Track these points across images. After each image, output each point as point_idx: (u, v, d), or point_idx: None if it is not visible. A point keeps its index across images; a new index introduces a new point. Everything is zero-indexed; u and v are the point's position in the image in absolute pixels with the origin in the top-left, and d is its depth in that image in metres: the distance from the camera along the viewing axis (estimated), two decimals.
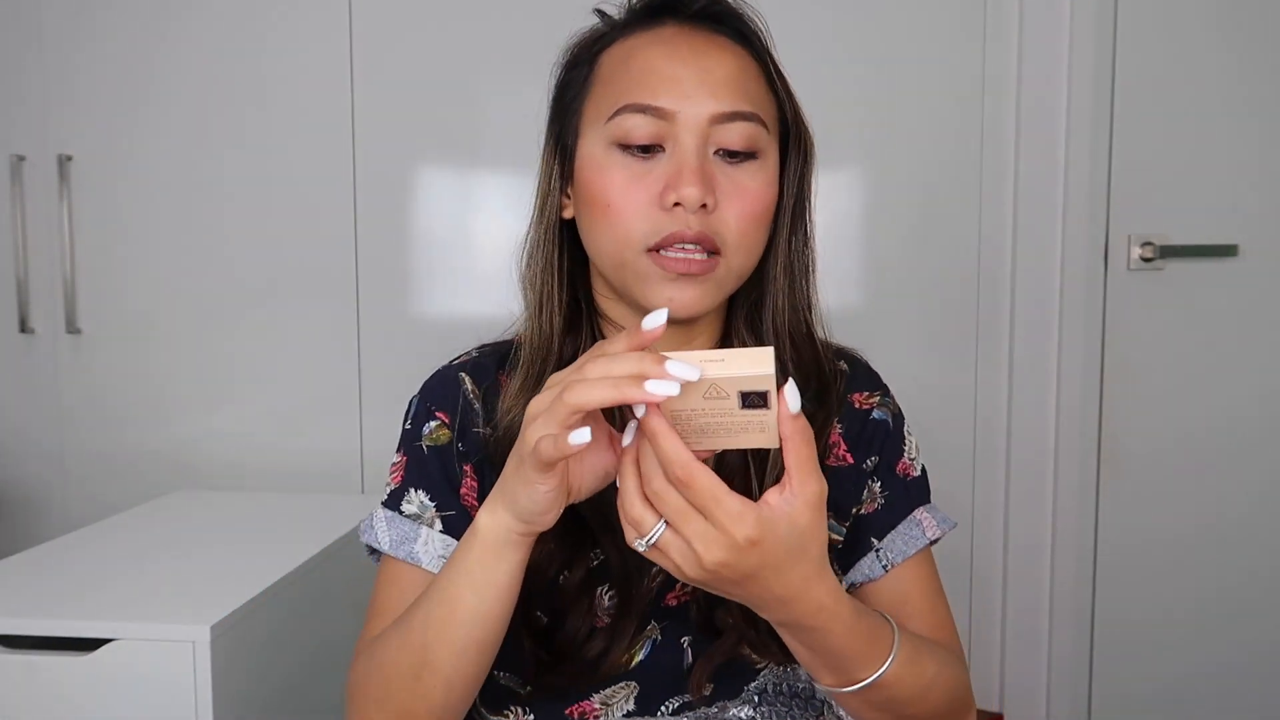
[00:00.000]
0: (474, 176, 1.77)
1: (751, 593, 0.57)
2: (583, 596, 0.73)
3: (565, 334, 0.76)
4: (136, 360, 1.83)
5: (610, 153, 0.71)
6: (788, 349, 0.76)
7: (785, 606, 0.58)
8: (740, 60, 0.72)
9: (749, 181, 0.71)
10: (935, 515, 0.81)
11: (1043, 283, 1.76)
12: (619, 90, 0.71)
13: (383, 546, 0.76)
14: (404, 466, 0.78)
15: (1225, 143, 1.74)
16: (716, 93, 0.69)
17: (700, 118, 0.69)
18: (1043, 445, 1.78)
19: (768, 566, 0.55)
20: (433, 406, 0.78)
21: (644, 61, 0.71)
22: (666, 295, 0.70)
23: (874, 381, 0.84)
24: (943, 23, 1.73)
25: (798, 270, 0.78)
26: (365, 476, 1.82)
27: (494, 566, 0.62)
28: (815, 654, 0.62)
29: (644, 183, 0.69)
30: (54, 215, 1.81)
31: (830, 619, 0.59)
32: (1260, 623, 1.81)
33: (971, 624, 1.83)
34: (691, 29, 0.72)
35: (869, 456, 0.80)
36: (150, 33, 1.78)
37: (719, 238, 0.70)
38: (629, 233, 0.70)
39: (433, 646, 0.64)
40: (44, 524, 1.87)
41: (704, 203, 0.68)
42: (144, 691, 1.01)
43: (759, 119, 0.71)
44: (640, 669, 0.75)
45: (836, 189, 1.76)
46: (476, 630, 0.64)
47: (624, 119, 0.69)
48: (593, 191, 0.72)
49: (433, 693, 0.65)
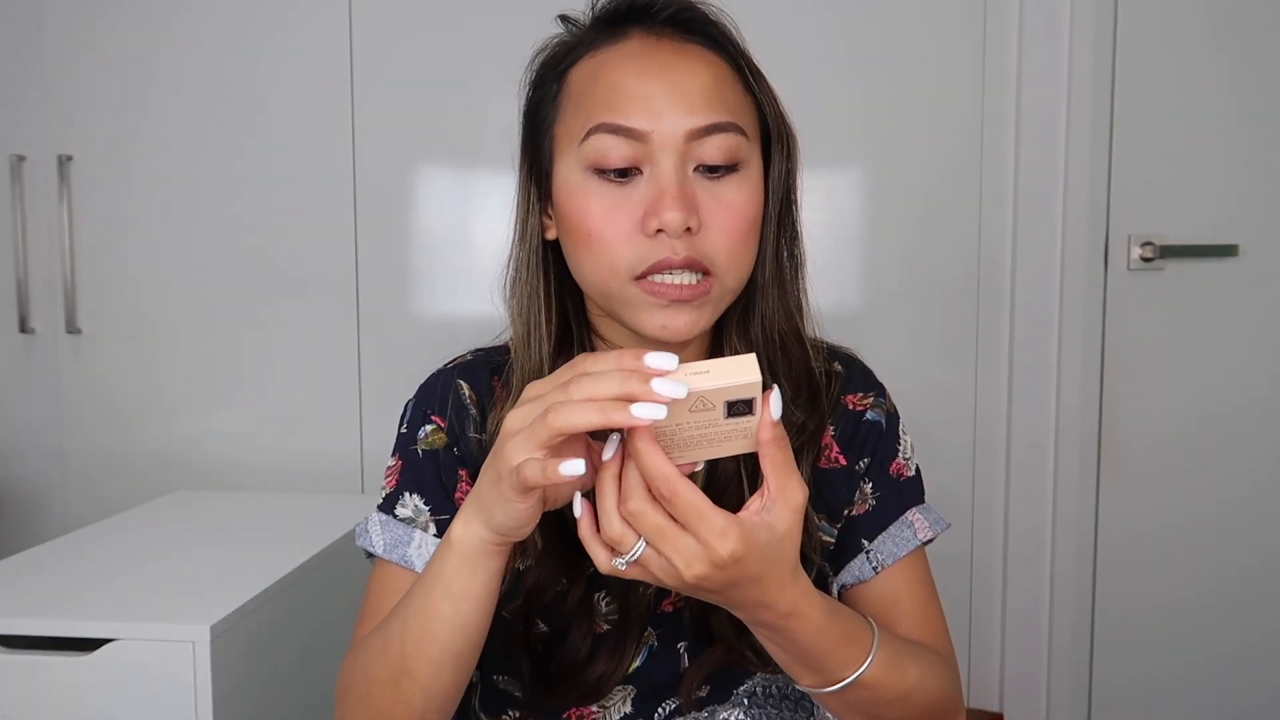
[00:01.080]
0: (474, 176, 1.77)
1: (728, 598, 0.58)
2: (583, 608, 0.73)
3: (556, 358, 0.74)
4: (137, 360, 1.83)
5: (587, 179, 0.68)
6: (778, 355, 0.75)
7: (757, 609, 0.58)
8: (713, 68, 0.69)
9: (733, 196, 0.68)
10: (928, 516, 0.80)
11: (1043, 283, 1.75)
12: (590, 111, 0.68)
13: (377, 550, 0.76)
14: (399, 471, 0.78)
15: (1225, 143, 1.74)
16: (691, 107, 0.66)
17: (676, 135, 0.66)
18: (1043, 445, 1.78)
19: (746, 577, 0.55)
20: (428, 410, 0.78)
21: (613, 79, 0.68)
22: (659, 322, 0.67)
23: (869, 382, 0.83)
24: (943, 23, 1.73)
25: (788, 274, 0.76)
26: (365, 477, 1.82)
27: (469, 577, 0.61)
28: (787, 654, 0.62)
29: (623, 209, 0.67)
30: (54, 215, 1.81)
31: (799, 620, 0.59)
32: (1260, 623, 1.81)
33: (971, 623, 1.83)
34: (659, 39, 0.69)
35: (861, 458, 0.79)
36: (150, 33, 1.78)
37: (708, 259, 0.67)
38: (614, 262, 0.67)
39: (411, 656, 0.64)
40: (44, 524, 1.87)
41: (688, 226, 0.65)
42: (144, 691, 1.01)
43: (737, 128, 0.68)
44: (637, 675, 0.75)
45: (836, 189, 1.76)
46: (454, 640, 0.63)
47: (597, 141, 0.66)
48: (573, 220, 0.69)
49: (413, 699, 0.65)
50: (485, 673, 0.79)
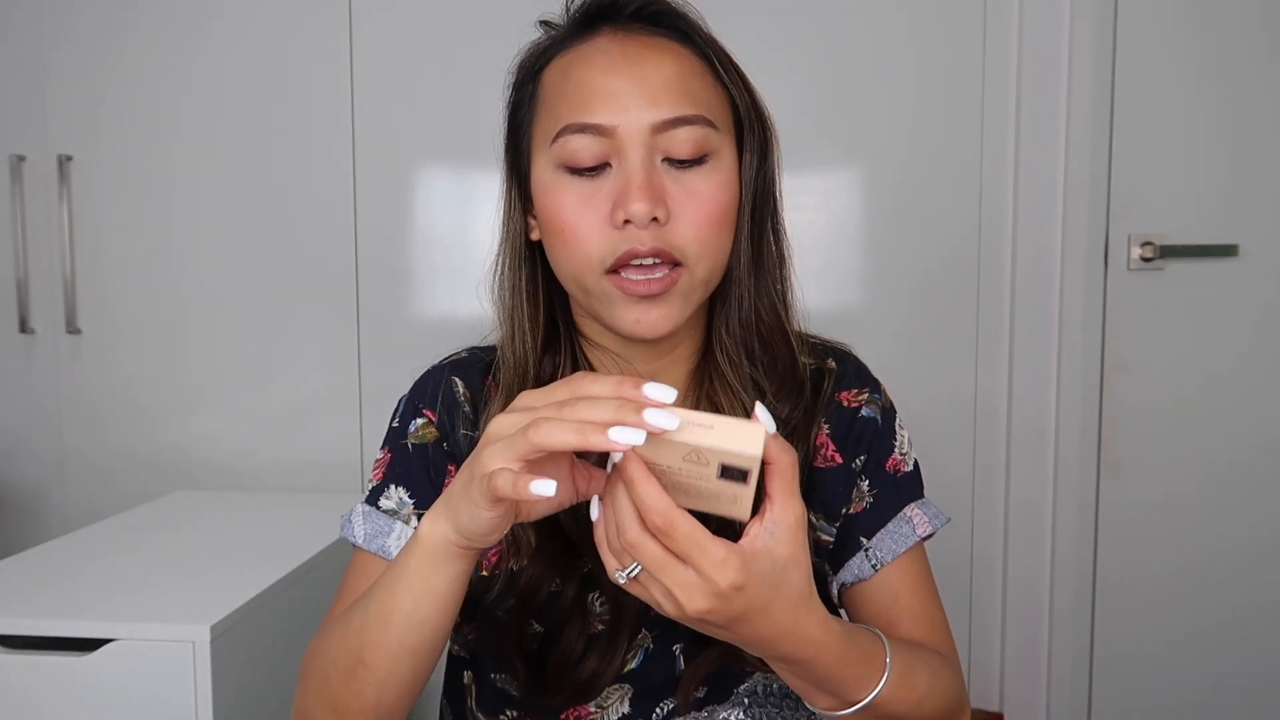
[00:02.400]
0: (474, 176, 1.77)
1: (739, 635, 0.57)
2: (577, 607, 0.73)
3: (542, 355, 0.75)
4: (137, 360, 1.83)
5: (559, 176, 0.69)
6: (757, 347, 0.75)
7: (774, 644, 0.57)
8: (680, 61, 0.69)
9: (701, 186, 0.68)
10: (927, 511, 0.80)
11: (1043, 282, 1.76)
12: (560, 111, 0.69)
13: (357, 540, 0.77)
14: (387, 464, 0.79)
15: (1225, 143, 1.74)
16: (656, 100, 0.66)
17: (641, 128, 0.66)
18: (1043, 445, 1.78)
19: (754, 609, 0.54)
20: (421, 405, 0.79)
21: (580, 77, 0.69)
22: (632, 318, 0.68)
23: (864, 378, 0.82)
24: (943, 23, 1.73)
25: (769, 264, 0.75)
26: (365, 477, 1.82)
27: (431, 575, 0.60)
28: (805, 681, 0.62)
29: (593, 202, 0.68)
30: (54, 215, 1.81)
31: (819, 650, 0.58)
32: (1260, 624, 1.80)
33: (971, 623, 1.83)
34: (626, 35, 0.70)
35: (857, 455, 0.79)
36: (151, 33, 1.78)
37: (677, 249, 0.67)
38: (587, 255, 0.68)
39: (368, 646, 0.64)
40: (44, 524, 1.87)
41: (654, 216, 0.66)
42: (144, 691, 1.01)
43: (704, 120, 0.68)
44: (634, 675, 0.75)
45: (836, 189, 1.76)
46: (411, 635, 0.62)
47: (566, 141, 0.67)
48: (547, 216, 0.70)
49: (366, 690, 0.64)
50: (481, 672, 0.79)
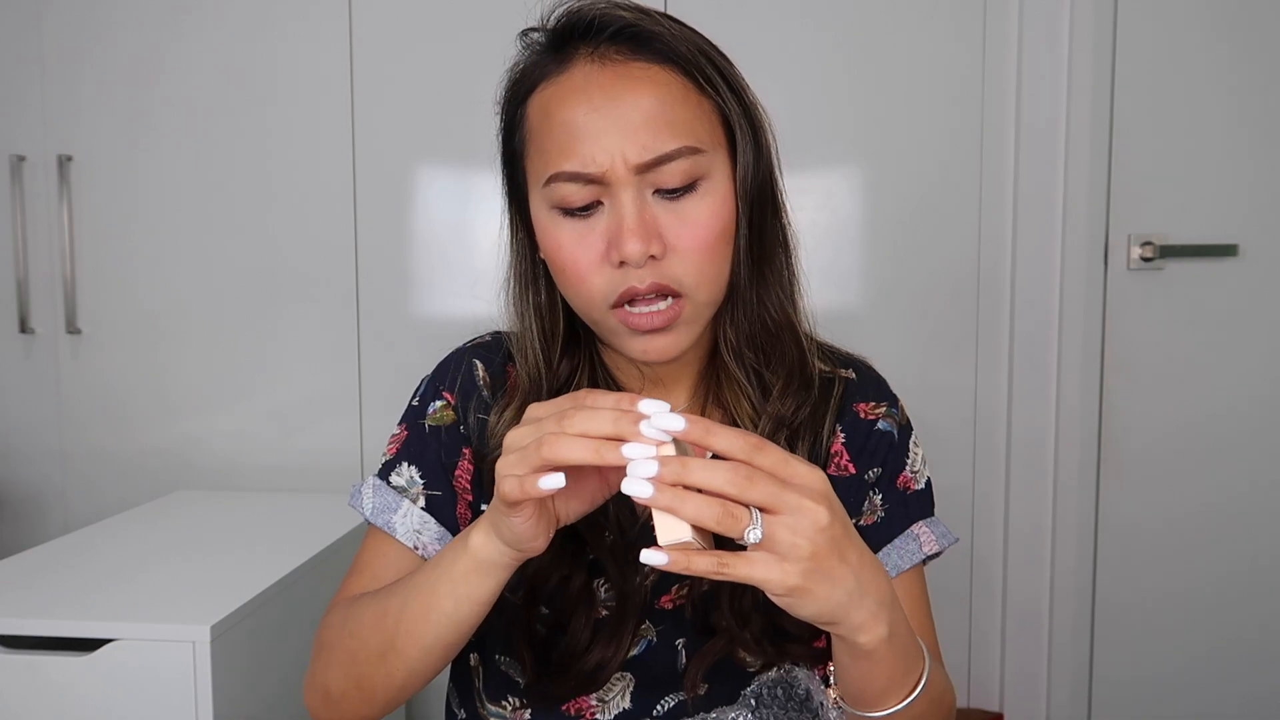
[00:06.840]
0: (474, 177, 1.77)
1: (853, 563, 0.55)
2: (584, 594, 0.74)
3: (560, 361, 0.76)
4: (137, 360, 1.83)
5: (554, 216, 0.69)
6: (764, 342, 0.75)
7: (876, 572, 0.57)
8: (660, 89, 0.67)
9: (694, 212, 0.67)
10: (935, 530, 0.80)
11: (1043, 282, 1.76)
12: (548, 153, 0.68)
13: (365, 512, 0.79)
14: (402, 440, 0.80)
15: (1225, 143, 1.74)
16: (638, 138, 0.65)
17: (628, 171, 0.65)
18: (1043, 445, 1.78)
19: (839, 520, 0.55)
20: (441, 387, 0.80)
21: (563, 118, 0.67)
22: (640, 347, 0.70)
23: (882, 391, 0.83)
24: (943, 24, 1.73)
25: (773, 263, 0.75)
26: (365, 477, 1.82)
27: (479, 583, 0.64)
28: (869, 678, 0.61)
29: (589, 241, 0.68)
30: (54, 215, 1.81)
31: (898, 612, 0.59)
32: (1260, 622, 1.80)
33: (972, 623, 1.83)
34: (602, 65, 0.68)
35: (871, 468, 0.79)
36: (151, 33, 1.78)
37: (675, 281, 0.67)
38: (590, 293, 0.69)
39: (403, 636, 0.66)
40: (45, 524, 1.87)
41: (651, 254, 0.66)
42: (144, 691, 1.01)
43: (690, 150, 0.66)
44: (635, 663, 0.76)
45: (836, 190, 1.76)
46: (449, 634, 0.66)
47: (557, 188, 0.67)
48: (547, 253, 0.71)
49: (395, 674, 0.68)
50: (487, 655, 0.80)
